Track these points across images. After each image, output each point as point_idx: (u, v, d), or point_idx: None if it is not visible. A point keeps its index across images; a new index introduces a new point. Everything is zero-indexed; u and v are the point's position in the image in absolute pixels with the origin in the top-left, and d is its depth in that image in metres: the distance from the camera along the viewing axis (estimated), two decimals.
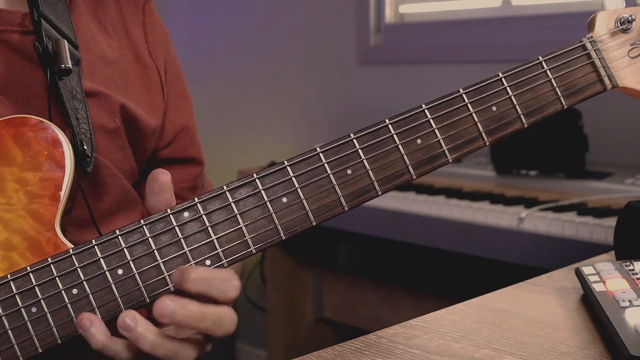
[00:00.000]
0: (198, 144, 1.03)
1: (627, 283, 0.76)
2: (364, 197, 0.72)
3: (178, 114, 0.99)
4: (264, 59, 2.79)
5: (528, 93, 0.75)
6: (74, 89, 0.82)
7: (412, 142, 0.73)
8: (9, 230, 0.72)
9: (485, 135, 0.74)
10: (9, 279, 0.68)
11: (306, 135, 2.66)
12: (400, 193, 1.81)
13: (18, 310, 0.68)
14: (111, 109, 0.87)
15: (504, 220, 1.59)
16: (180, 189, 0.99)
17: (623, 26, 0.77)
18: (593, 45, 0.77)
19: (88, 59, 0.87)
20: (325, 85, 2.61)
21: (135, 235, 0.69)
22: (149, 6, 0.97)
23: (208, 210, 0.70)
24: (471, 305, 0.82)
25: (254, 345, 2.86)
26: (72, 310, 0.68)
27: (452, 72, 2.26)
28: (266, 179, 0.71)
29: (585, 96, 0.76)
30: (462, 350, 0.70)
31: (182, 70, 1.03)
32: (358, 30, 2.48)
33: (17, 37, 0.83)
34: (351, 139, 0.72)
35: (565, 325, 0.75)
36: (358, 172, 0.72)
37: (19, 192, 0.73)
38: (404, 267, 2.20)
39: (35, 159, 0.74)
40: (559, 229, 1.51)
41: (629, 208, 0.90)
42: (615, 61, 0.77)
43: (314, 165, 0.71)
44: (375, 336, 0.74)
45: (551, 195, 1.68)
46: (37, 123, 0.75)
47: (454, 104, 0.74)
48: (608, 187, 1.67)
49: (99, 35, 0.91)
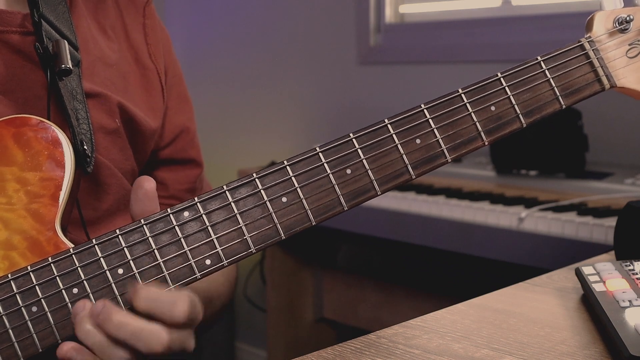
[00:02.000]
0: (198, 146, 1.03)
1: (627, 283, 0.76)
2: (363, 196, 0.72)
3: (178, 116, 0.99)
4: (263, 59, 2.79)
5: (527, 93, 0.75)
6: (74, 89, 0.82)
7: (411, 141, 0.73)
8: (9, 229, 0.72)
9: (484, 135, 0.74)
10: (9, 279, 0.68)
11: (306, 135, 2.66)
12: (400, 193, 1.81)
13: (18, 310, 0.68)
14: (111, 110, 0.88)
15: (504, 220, 1.59)
16: (178, 190, 0.99)
17: (621, 26, 0.77)
18: (591, 45, 0.77)
19: (88, 61, 0.87)
20: (325, 85, 2.61)
21: (135, 234, 0.70)
22: (149, 8, 0.97)
23: (208, 210, 0.70)
24: (471, 305, 0.82)
25: (254, 345, 2.86)
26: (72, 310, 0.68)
27: (452, 72, 2.26)
28: (266, 178, 0.71)
29: (583, 96, 0.77)
30: (462, 350, 0.70)
31: (182, 71, 1.03)
32: (358, 30, 2.48)
33: (18, 38, 0.83)
34: (350, 138, 0.72)
35: (565, 325, 0.75)
36: (357, 171, 0.72)
37: (19, 192, 0.73)
38: (404, 267, 2.20)
39: (36, 159, 0.74)
40: (559, 229, 1.51)
41: (629, 208, 0.90)
42: (614, 61, 0.77)
43: (313, 164, 0.71)
44: (375, 336, 0.74)
45: (551, 195, 1.68)
46: (38, 123, 0.75)
47: (452, 104, 0.74)
48: (608, 187, 1.67)
49: (99, 37, 0.91)
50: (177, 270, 0.70)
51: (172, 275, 0.70)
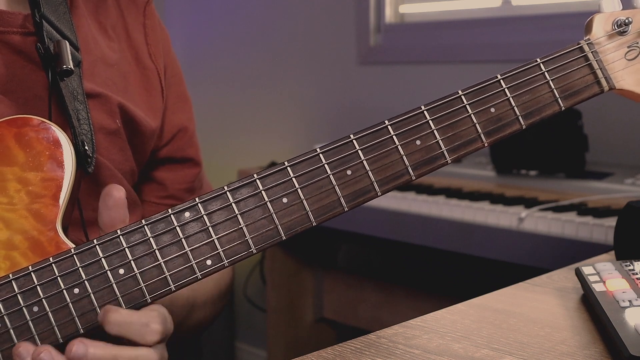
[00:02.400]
0: (196, 145, 1.03)
1: (627, 283, 0.76)
2: (363, 197, 0.72)
3: (177, 115, 0.99)
4: (264, 59, 2.79)
5: (526, 95, 0.75)
6: (75, 90, 0.82)
7: (411, 143, 0.73)
8: (10, 229, 0.72)
9: (483, 137, 0.74)
10: (10, 279, 0.69)
11: (306, 135, 2.66)
12: (400, 193, 1.81)
13: (20, 310, 0.68)
14: (111, 110, 0.88)
15: (504, 220, 1.59)
16: (177, 190, 0.99)
17: (620, 28, 0.77)
18: (590, 48, 0.77)
19: (89, 61, 0.87)
20: (325, 85, 2.61)
21: (136, 235, 0.70)
22: (149, 8, 0.97)
23: (209, 211, 0.70)
24: (471, 305, 0.82)
25: (254, 345, 2.86)
26: (73, 310, 0.69)
27: (452, 72, 2.26)
28: (267, 179, 0.71)
29: (582, 98, 0.77)
30: (462, 350, 0.70)
31: (182, 71, 1.03)
32: (358, 30, 2.48)
33: (18, 39, 0.83)
34: (351, 139, 0.72)
35: (565, 325, 0.75)
36: (358, 172, 0.72)
37: (20, 192, 0.73)
38: (404, 267, 2.20)
39: (37, 159, 0.74)
40: (559, 229, 1.51)
41: (629, 208, 0.90)
42: (613, 63, 0.77)
43: (314, 165, 0.72)
44: (375, 336, 0.74)
45: (551, 195, 1.68)
46: (39, 123, 0.75)
47: (453, 106, 0.74)
48: (608, 187, 1.66)
49: (100, 37, 0.91)
50: (178, 271, 0.70)
51: (173, 276, 0.70)
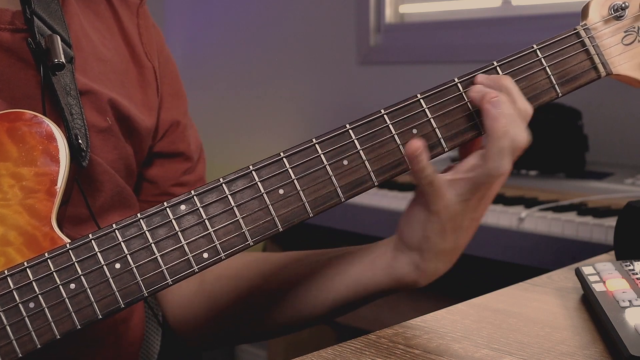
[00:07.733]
0: (188, 140, 1.01)
1: (627, 283, 0.76)
2: (360, 187, 0.72)
3: (170, 111, 0.98)
4: (264, 59, 2.79)
5: (523, 81, 0.75)
6: (68, 85, 0.82)
7: (408, 131, 0.73)
8: (5, 225, 0.72)
9: (480, 124, 0.74)
10: (6, 275, 0.68)
11: (306, 135, 2.64)
12: (400, 193, 1.80)
13: (16, 306, 0.68)
14: (102, 108, 0.87)
15: (504, 220, 1.59)
16: (169, 186, 0.98)
17: (616, 13, 0.77)
18: (587, 33, 0.76)
19: (81, 57, 0.87)
20: (325, 85, 2.60)
21: (132, 229, 0.69)
22: (142, 9, 0.97)
23: (205, 203, 0.70)
24: (471, 305, 0.81)
25: (254, 345, 2.85)
26: (70, 305, 0.68)
27: (452, 72, 2.23)
28: (262, 170, 0.71)
29: (579, 84, 0.76)
30: (462, 350, 0.70)
31: (179, 69, 1.02)
32: (358, 30, 2.48)
33: (7, 36, 0.82)
34: (347, 129, 0.72)
35: (565, 325, 0.75)
36: (354, 162, 0.72)
37: (14, 188, 0.72)
38: None
39: (30, 154, 0.73)
40: (559, 229, 1.51)
41: (629, 208, 0.90)
42: (609, 48, 0.77)
43: (310, 156, 0.71)
44: (375, 336, 0.73)
45: (551, 195, 1.68)
46: (32, 117, 0.74)
47: (448, 93, 0.74)
48: (608, 187, 1.66)
49: (93, 34, 0.91)
50: (174, 265, 0.69)
51: (169, 270, 0.69)
